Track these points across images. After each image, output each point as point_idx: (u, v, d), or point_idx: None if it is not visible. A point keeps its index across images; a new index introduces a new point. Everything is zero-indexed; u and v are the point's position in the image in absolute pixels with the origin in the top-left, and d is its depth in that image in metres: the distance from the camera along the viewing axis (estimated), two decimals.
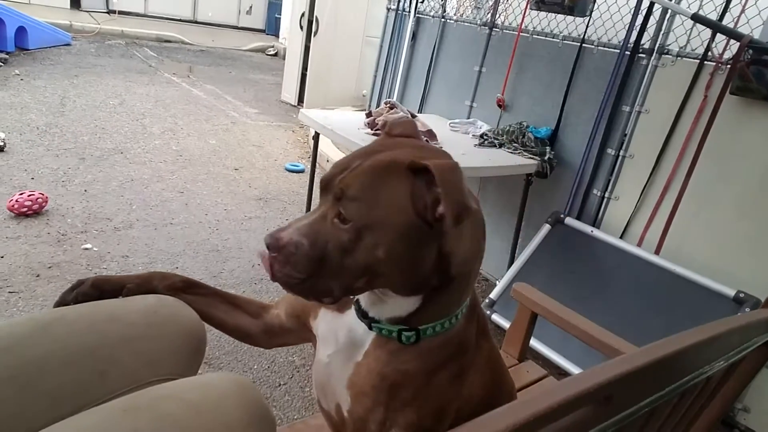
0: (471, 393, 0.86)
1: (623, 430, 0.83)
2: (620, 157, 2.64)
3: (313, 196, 3.25)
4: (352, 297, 0.84)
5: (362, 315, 0.82)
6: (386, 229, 0.69)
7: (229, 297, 1.05)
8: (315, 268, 0.70)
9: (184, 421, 0.72)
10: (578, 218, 2.75)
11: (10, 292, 2.32)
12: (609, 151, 2.67)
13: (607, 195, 2.69)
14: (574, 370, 2.28)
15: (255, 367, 2.16)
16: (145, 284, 0.96)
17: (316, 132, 2.87)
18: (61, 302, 0.91)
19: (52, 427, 0.70)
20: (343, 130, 2.58)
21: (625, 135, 2.62)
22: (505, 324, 2.50)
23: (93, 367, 0.82)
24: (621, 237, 2.61)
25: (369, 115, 2.76)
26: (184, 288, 1.00)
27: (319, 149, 3.87)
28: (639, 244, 2.54)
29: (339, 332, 0.86)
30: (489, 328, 0.96)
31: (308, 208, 3.20)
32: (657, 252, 2.47)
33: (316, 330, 0.93)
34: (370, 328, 0.81)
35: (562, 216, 2.76)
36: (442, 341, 0.80)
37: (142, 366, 0.87)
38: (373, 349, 0.81)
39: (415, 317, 0.78)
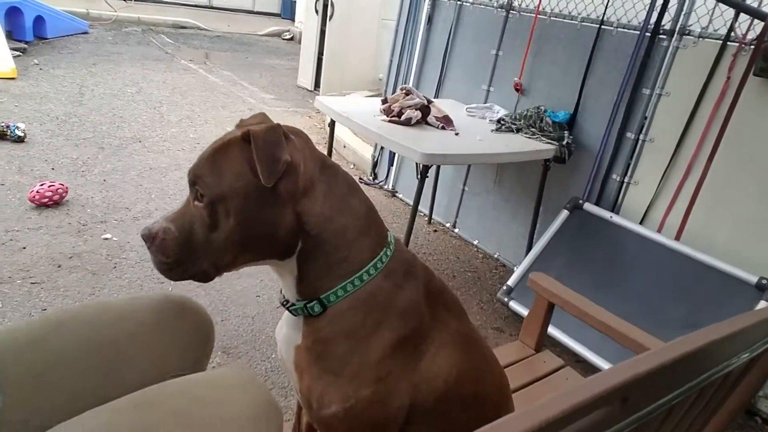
0: (434, 370, 0.86)
1: (640, 429, 0.82)
2: (640, 141, 2.59)
3: None
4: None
5: (284, 304, 0.89)
6: (232, 196, 0.77)
7: None
8: (185, 250, 0.80)
9: (193, 417, 0.74)
10: (597, 204, 2.71)
11: (32, 283, 2.36)
12: (628, 135, 2.61)
13: (626, 180, 2.65)
14: (592, 357, 2.26)
15: (273, 355, 2.19)
16: None
17: (332, 119, 2.86)
18: None
19: (66, 423, 0.72)
20: (359, 117, 2.56)
21: (645, 118, 2.56)
22: (523, 311, 2.49)
23: (104, 365, 0.84)
24: (641, 223, 2.56)
25: (385, 101, 2.74)
26: None
27: (335, 135, 3.87)
28: (659, 230, 2.50)
29: (283, 326, 0.93)
30: (463, 312, 0.97)
31: None
32: (677, 238, 2.43)
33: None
34: (292, 312, 0.88)
35: (580, 202, 2.72)
36: (351, 303, 0.83)
37: (152, 362, 0.89)
38: (303, 329, 0.87)
39: (307, 284, 0.84)
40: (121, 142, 4.04)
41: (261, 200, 0.78)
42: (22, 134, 3.69)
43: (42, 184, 3.00)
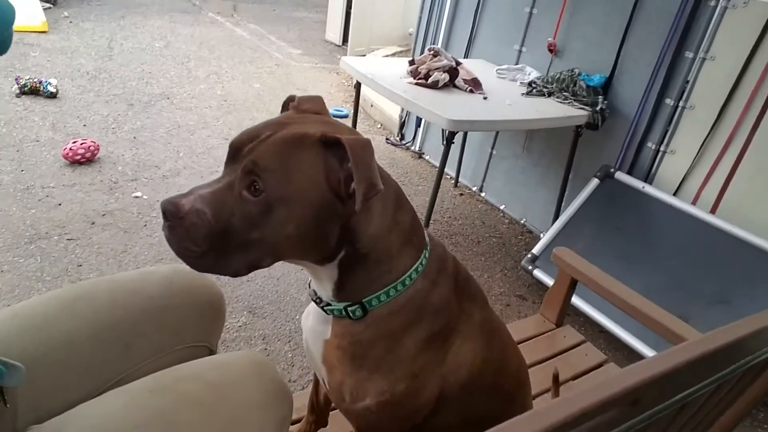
0: (459, 361, 0.86)
1: (650, 427, 0.81)
2: (679, 108, 2.47)
3: None
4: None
5: (317, 301, 0.84)
6: (301, 203, 0.68)
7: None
8: (219, 243, 0.67)
9: (205, 401, 0.76)
10: (629, 173, 2.62)
11: (68, 239, 2.44)
12: (667, 101, 2.50)
13: (662, 149, 2.55)
14: (615, 329, 2.24)
15: (297, 317, 2.23)
16: None
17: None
18: None
19: (81, 406, 0.75)
20: (384, 79, 2.50)
21: (687, 83, 2.44)
22: (547, 280, 2.46)
23: (117, 341, 0.86)
24: (674, 194, 2.48)
25: (412, 63, 2.67)
26: None
27: (362, 94, 3.81)
28: (694, 202, 2.42)
29: (310, 317, 0.89)
30: (485, 300, 0.95)
31: None
32: (713, 211, 2.35)
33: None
34: (326, 311, 0.83)
35: (612, 170, 2.64)
36: (391, 309, 0.80)
37: (165, 336, 0.91)
38: (335, 327, 0.83)
39: (346, 290, 0.79)
40: (150, 99, 4.06)
41: (327, 213, 0.70)
42: (54, 90, 3.74)
43: (75, 141, 3.06)
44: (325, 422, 1.19)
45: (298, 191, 0.67)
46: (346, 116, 4.40)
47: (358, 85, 2.84)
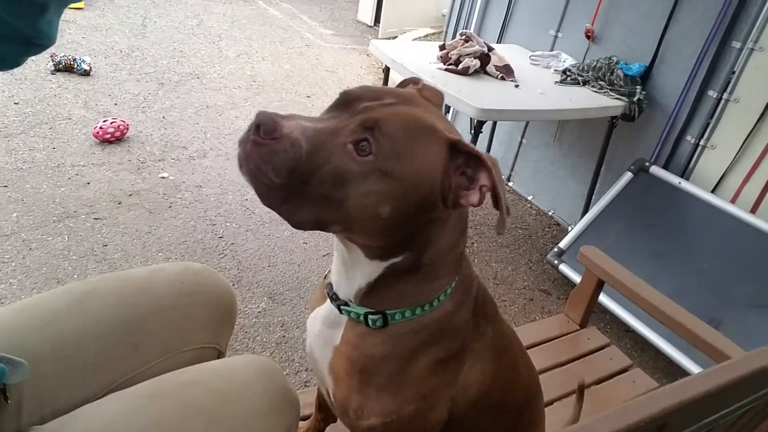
0: (469, 381, 0.82)
1: None
2: (723, 101, 2.35)
3: None
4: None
5: (333, 297, 0.78)
6: (406, 188, 0.62)
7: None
8: (297, 182, 0.59)
9: (208, 409, 0.74)
10: (665, 167, 2.52)
11: (95, 218, 2.47)
12: (710, 93, 2.38)
13: (702, 143, 2.43)
14: (642, 329, 2.17)
15: None
16: None
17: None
18: None
19: (82, 408, 0.74)
20: (414, 65, 2.44)
21: (732, 75, 2.32)
22: (573, 276, 2.40)
23: (125, 340, 0.84)
24: (713, 191, 2.38)
25: (442, 48, 2.60)
26: None
27: (391, 78, 3.74)
28: (733, 201, 2.31)
29: (319, 319, 0.83)
30: (496, 311, 0.90)
31: None
32: (753, 211, 2.24)
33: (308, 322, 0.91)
34: (339, 310, 0.77)
35: (647, 164, 2.54)
36: (414, 327, 0.75)
37: (173, 336, 0.89)
38: (347, 333, 0.78)
39: (376, 296, 0.74)
40: (180, 78, 4.07)
41: (422, 210, 0.65)
42: (87, 68, 3.77)
43: (105, 120, 3.08)
44: (335, 419, 1.17)
45: (410, 175, 0.62)
46: None
47: (386, 69, 2.78)
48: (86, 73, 3.76)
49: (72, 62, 3.74)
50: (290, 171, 0.58)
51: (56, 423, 0.72)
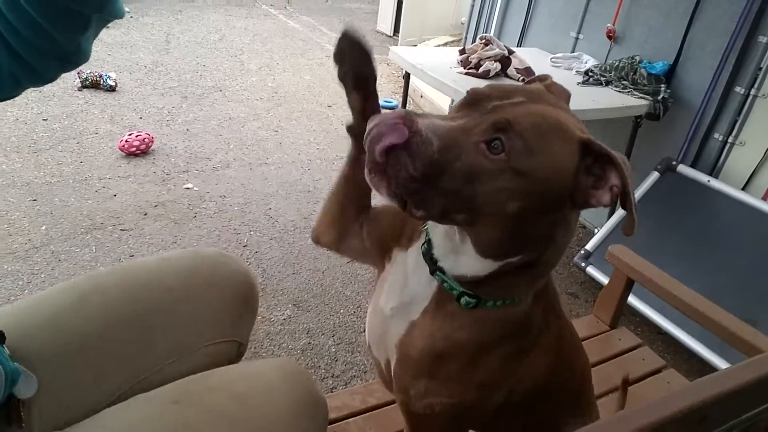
0: (529, 372, 0.80)
1: None
2: (751, 97, 2.30)
3: None
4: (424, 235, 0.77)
5: (430, 259, 0.74)
6: (538, 187, 0.61)
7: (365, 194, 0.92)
8: (428, 176, 0.60)
9: (232, 414, 0.72)
10: (693, 166, 2.47)
11: (122, 229, 2.51)
12: (737, 89, 2.33)
13: (730, 140, 2.38)
14: (674, 331, 2.12)
15: (341, 311, 2.21)
16: None
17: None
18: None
19: (103, 413, 0.72)
20: (434, 70, 2.44)
21: (759, 70, 2.27)
22: (601, 278, 2.36)
23: (133, 338, 0.81)
24: (743, 189, 2.32)
25: (462, 52, 2.59)
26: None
27: (411, 85, 3.75)
28: (765, 198, 2.25)
29: (405, 285, 0.79)
30: (561, 305, 0.88)
31: None
32: None
33: (387, 274, 0.85)
34: (432, 273, 0.74)
35: (674, 163, 2.49)
36: (500, 316, 0.73)
37: (185, 332, 0.85)
38: (432, 308, 0.75)
39: (479, 286, 0.71)
40: (204, 92, 4.14)
41: (551, 209, 0.64)
42: (113, 83, 3.86)
43: (131, 134, 3.15)
44: None
45: (542, 173, 0.61)
46: (395, 107, 4.35)
47: (407, 76, 2.79)
48: (112, 89, 3.85)
49: (98, 78, 3.83)
50: (422, 166, 0.59)
51: (75, 428, 0.70)
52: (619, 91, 2.49)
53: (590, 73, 2.61)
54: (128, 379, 0.79)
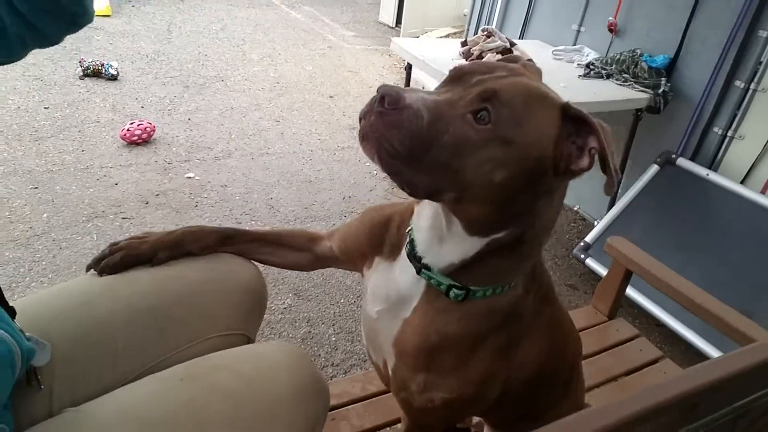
0: (524, 361, 0.82)
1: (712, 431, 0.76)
2: (750, 91, 2.31)
3: None
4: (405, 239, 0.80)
5: (415, 258, 0.76)
6: (522, 155, 0.63)
7: (272, 237, 1.01)
8: (417, 151, 0.61)
9: (236, 392, 0.75)
10: (692, 159, 2.48)
11: (123, 218, 2.52)
12: (737, 83, 2.34)
13: (729, 134, 2.39)
14: (672, 323, 2.14)
15: (341, 300, 2.23)
16: (177, 249, 0.92)
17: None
18: (91, 268, 0.89)
19: (115, 392, 0.75)
20: (436, 61, 2.45)
21: (759, 64, 2.27)
22: (600, 270, 2.37)
23: (153, 325, 0.85)
24: (742, 182, 2.33)
25: (464, 44, 2.60)
26: (219, 244, 0.96)
27: (413, 77, 3.75)
28: (763, 191, 2.27)
29: (390, 286, 0.81)
30: (554, 293, 0.91)
31: None
32: None
33: (367, 280, 0.89)
34: (419, 272, 0.75)
35: (673, 156, 2.50)
36: (489, 307, 0.75)
37: (200, 322, 0.89)
38: (422, 305, 0.77)
39: (468, 272, 0.73)
40: (205, 81, 4.14)
41: (536, 178, 0.65)
42: (115, 72, 3.86)
43: (132, 123, 3.15)
44: None
45: (526, 141, 0.63)
46: None
47: (408, 67, 2.79)
48: (114, 78, 3.85)
49: (100, 67, 3.83)
50: (412, 140, 0.60)
51: (89, 405, 0.73)
52: (620, 84, 2.49)
53: (591, 66, 2.61)
54: (144, 363, 0.83)
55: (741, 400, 0.75)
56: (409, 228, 0.79)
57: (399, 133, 0.60)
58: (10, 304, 0.73)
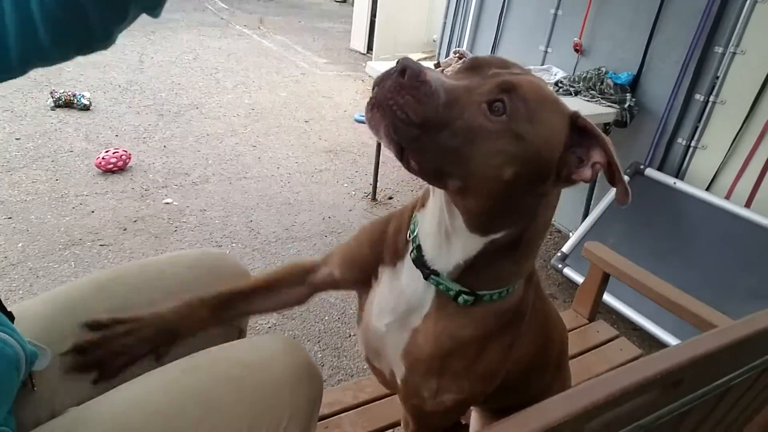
0: (522, 352, 0.85)
1: (693, 411, 0.79)
2: (710, 103, 2.43)
3: (382, 148, 3.21)
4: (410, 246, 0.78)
5: (423, 265, 0.76)
6: (532, 153, 0.63)
7: (266, 282, 0.97)
8: (429, 128, 0.59)
9: (240, 378, 0.77)
10: (659, 169, 2.58)
11: (101, 245, 2.50)
12: (697, 96, 2.46)
13: (693, 144, 2.50)
14: (649, 326, 2.20)
15: (326, 318, 2.24)
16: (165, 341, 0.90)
17: None
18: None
19: (118, 388, 0.76)
20: None
21: (717, 79, 2.40)
22: (577, 278, 2.43)
23: None
24: (707, 189, 2.44)
25: (437, 66, 2.68)
26: (214, 318, 0.93)
27: None
28: (727, 197, 2.37)
29: (398, 297, 0.81)
30: (541, 285, 0.93)
31: (377, 160, 3.17)
32: (747, 205, 2.30)
33: (372, 294, 0.87)
34: (426, 278, 0.75)
35: (642, 167, 2.60)
36: (497, 309, 0.77)
37: None
38: (433, 312, 0.77)
39: (473, 276, 0.73)
40: (180, 109, 4.15)
41: (538, 178, 0.65)
42: (87, 102, 3.85)
43: (107, 151, 3.14)
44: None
45: (537, 140, 0.63)
46: None
47: None
48: (86, 108, 3.83)
49: (72, 98, 3.81)
50: (425, 116, 0.59)
51: (93, 402, 0.74)
52: (588, 101, 2.60)
53: (560, 84, 2.71)
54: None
55: (723, 377, 0.79)
56: (414, 234, 0.78)
57: (415, 103, 0.59)
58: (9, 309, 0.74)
